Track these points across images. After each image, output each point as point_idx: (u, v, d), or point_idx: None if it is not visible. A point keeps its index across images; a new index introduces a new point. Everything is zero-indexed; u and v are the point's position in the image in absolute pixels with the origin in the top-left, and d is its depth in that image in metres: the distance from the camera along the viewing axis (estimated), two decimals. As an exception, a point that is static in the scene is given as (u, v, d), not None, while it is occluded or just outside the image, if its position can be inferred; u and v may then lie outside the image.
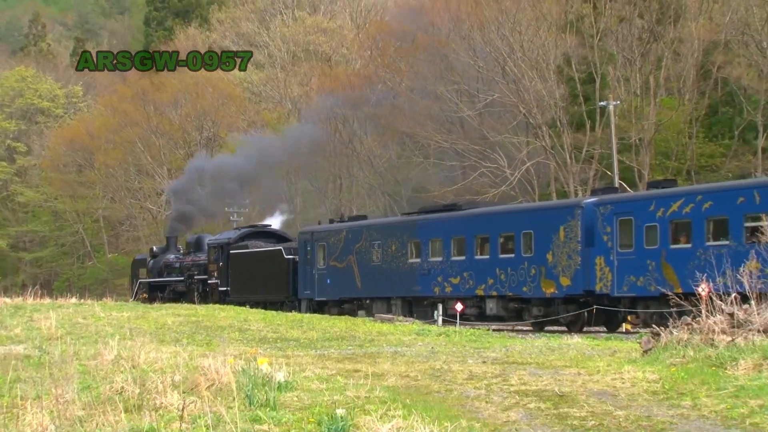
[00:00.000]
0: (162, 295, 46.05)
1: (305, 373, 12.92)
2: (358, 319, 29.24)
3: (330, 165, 61.54)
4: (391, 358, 16.13)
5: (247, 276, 41.15)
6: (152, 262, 48.64)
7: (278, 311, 32.59)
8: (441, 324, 28.36)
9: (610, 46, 50.47)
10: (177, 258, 47.64)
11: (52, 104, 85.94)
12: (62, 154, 77.08)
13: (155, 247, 51.09)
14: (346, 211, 53.05)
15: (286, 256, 39.60)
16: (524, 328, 29.28)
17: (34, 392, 10.91)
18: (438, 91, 52.58)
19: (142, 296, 47.42)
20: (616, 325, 27.80)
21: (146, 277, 49.06)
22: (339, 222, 39.38)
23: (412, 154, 56.98)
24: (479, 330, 23.81)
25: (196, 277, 44.93)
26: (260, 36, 72.98)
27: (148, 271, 48.91)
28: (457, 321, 27.88)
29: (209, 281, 43.63)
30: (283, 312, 32.22)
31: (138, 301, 43.43)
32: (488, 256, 30.30)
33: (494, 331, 25.43)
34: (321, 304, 37.39)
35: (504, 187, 47.87)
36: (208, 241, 45.05)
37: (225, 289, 42.37)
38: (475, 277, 30.52)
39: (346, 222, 38.90)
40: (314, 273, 37.60)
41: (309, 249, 38.10)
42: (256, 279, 40.75)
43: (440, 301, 31.32)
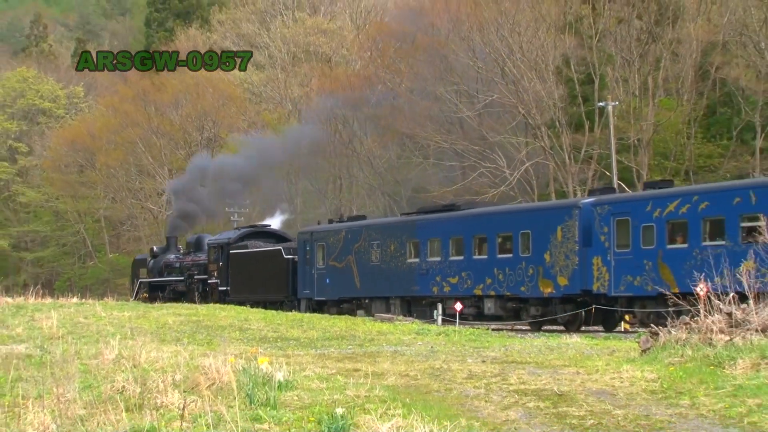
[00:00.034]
0: (162, 294, 46.10)
1: (305, 372, 12.96)
2: (358, 318, 29.30)
3: (330, 165, 61.55)
4: (390, 357, 16.15)
5: (247, 276, 41.20)
6: (152, 262, 48.71)
7: (278, 311, 32.64)
8: (440, 323, 28.42)
9: (608, 47, 50.47)
10: (177, 258, 47.69)
11: (54, 105, 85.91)
12: (63, 154, 77.04)
13: (155, 247, 51.13)
14: (346, 211, 53.06)
15: (285, 256, 39.66)
16: (523, 328, 29.33)
17: (35, 391, 10.91)
18: (437, 92, 52.60)
19: (142, 296, 47.47)
20: (613, 324, 27.87)
21: (146, 276, 49.12)
22: (338, 222, 39.43)
23: (411, 155, 56.98)
24: (479, 329, 23.81)
25: (196, 276, 44.98)
26: (261, 37, 72.94)
27: (149, 270, 48.97)
28: (457, 320, 27.95)
29: (209, 281, 43.69)
30: (283, 311, 32.27)
31: (139, 301, 43.49)
32: (486, 256, 30.35)
33: (493, 330, 25.46)
34: (320, 303, 37.45)
35: (503, 188, 47.90)
36: (208, 241, 45.12)
37: (225, 288, 42.43)
38: (474, 277, 30.56)
39: (345, 222, 38.95)
40: (313, 273, 37.65)
41: (308, 249, 38.15)
42: (255, 279, 40.80)
43: (439, 300, 31.36)
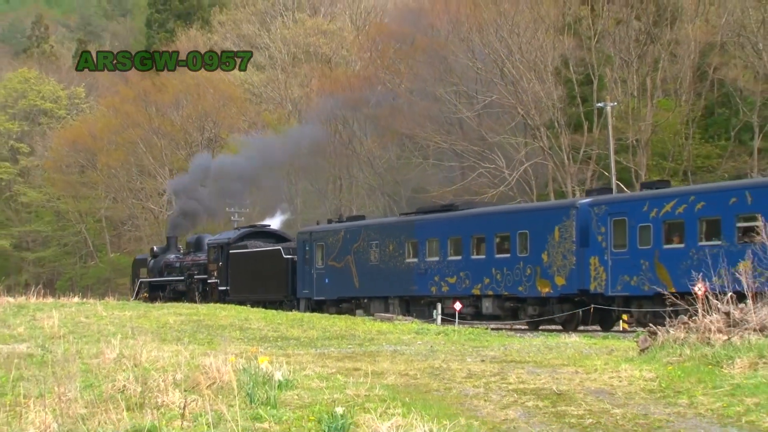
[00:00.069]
0: (162, 294, 46.12)
1: (305, 371, 12.97)
2: (358, 318, 29.33)
3: (330, 166, 61.60)
4: (390, 356, 16.16)
5: (247, 275, 41.24)
6: (153, 261, 48.73)
7: (277, 310, 32.68)
8: (440, 323, 28.46)
9: (607, 48, 50.49)
10: (177, 258, 47.72)
11: (55, 105, 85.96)
12: (65, 154, 77.06)
13: (156, 247, 51.14)
14: (346, 211, 53.10)
15: (285, 256, 39.70)
16: (522, 327, 29.36)
17: (37, 390, 10.94)
18: (437, 93, 52.63)
19: (143, 296, 47.49)
20: (610, 324, 27.92)
21: (147, 276, 49.13)
22: (337, 222, 39.48)
23: (411, 155, 57.02)
24: (478, 329, 23.82)
25: (196, 276, 45.01)
26: (261, 38, 72.94)
27: (149, 270, 48.99)
28: (456, 320, 27.98)
29: (209, 281, 43.71)
30: (283, 311, 32.32)
31: (139, 301, 43.53)
32: (484, 256, 30.40)
33: (492, 330, 25.49)
34: (319, 303, 37.49)
35: (502, 188, 47.94)
36: (208, 241, 45.15)
37: (225, 288, 42.46)
38: (472, 277, 30.61)
39: (344, 222, 38.99)
40: (313, 272, 37.69)
41: (307, 249, 38.18)
42: (255, 278, 40.84)
43: (437, 300, 31.40)
